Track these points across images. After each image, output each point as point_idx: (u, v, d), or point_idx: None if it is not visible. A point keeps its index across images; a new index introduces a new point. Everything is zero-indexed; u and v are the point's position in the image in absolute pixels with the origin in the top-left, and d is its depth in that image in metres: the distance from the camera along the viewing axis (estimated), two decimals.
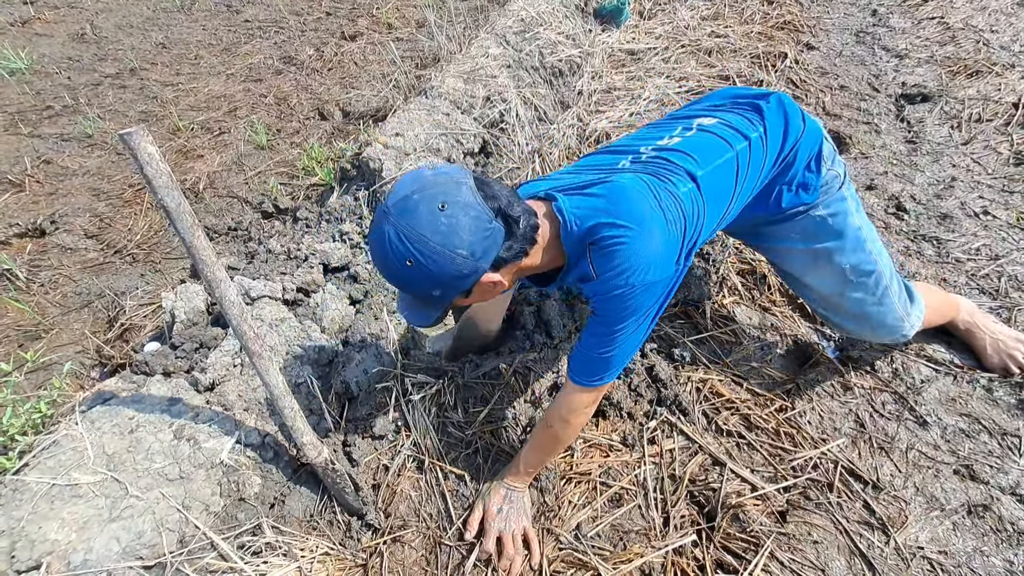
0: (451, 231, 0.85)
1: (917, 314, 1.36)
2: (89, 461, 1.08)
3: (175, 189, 0.82)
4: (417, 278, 0.88)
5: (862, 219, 1.27)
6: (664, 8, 3.79)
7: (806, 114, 1.21)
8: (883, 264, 1.28)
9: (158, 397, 1.20)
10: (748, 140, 1.11)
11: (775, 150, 1.16)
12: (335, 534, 1.19)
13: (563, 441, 1.18)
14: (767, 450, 1.34)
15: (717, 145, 1.10)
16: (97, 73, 3.28)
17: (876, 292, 1.27)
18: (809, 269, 1.30)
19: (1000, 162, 2.30)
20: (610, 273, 0.95)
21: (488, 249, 0.89)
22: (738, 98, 1.24)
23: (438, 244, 0.84)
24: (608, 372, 1.04)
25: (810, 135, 1.18)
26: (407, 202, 0.86)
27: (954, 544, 1.19)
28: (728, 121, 1.16)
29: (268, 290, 1.42)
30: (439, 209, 0.84)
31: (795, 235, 1.26)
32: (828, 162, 1.21)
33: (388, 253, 0.87)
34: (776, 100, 1.20)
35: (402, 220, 0.85)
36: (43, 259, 2.03)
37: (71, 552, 0.97)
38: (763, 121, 1.16)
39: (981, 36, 3.25)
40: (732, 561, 1.14)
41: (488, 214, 0.88)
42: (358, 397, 1.36)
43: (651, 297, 0.98)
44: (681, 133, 1.15)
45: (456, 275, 0.88)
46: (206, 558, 1.03)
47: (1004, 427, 1.38)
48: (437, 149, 1.95)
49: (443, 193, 0.86)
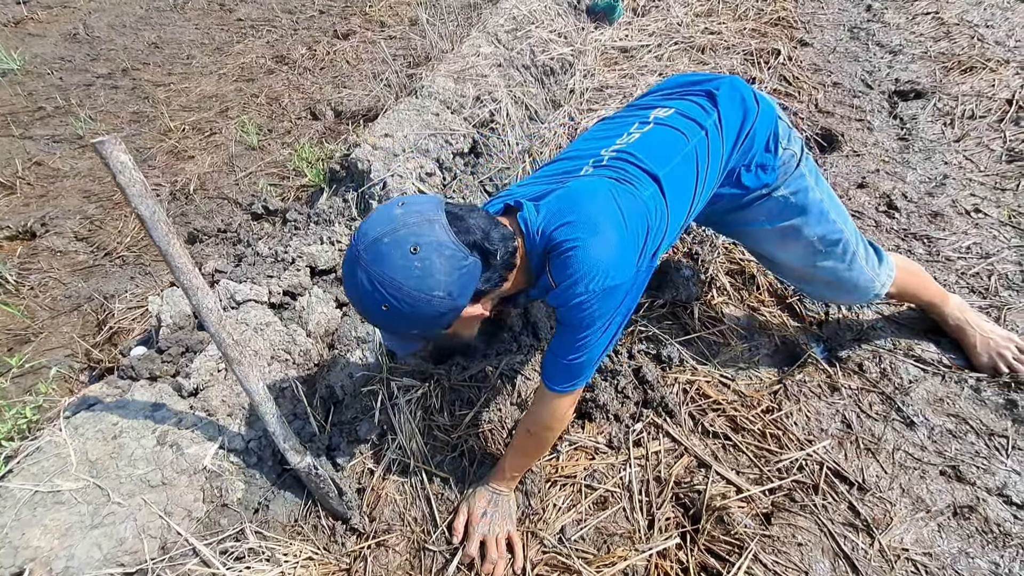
0: (425, 274, 0.83)
1: (887, 272, 1.39)
2: (72, 467, 1.08)
3: (149, 197, 0.81)
4: (395, 320, 0.87)
5: (822, 191, 1.29)
6: (658, 5, 3.77)
7: (759, 94, 1.22)
8: (848, 230, 1.32)
9: (142, 403, 1.20)
10: (705, 130, 1.11)
11: (732, 135, 1.16)
12: (320, 539, 1.19)
13: (545, 445, 1.19)
14: (753, 451, 1.34)
15: (675, 139, 1.09)
16: (89, 73, 3.27)
17: (845, 258, 1.32)
18: (780, 247, 1.33)
19: (992, 159, 2.29)
20: (568, 282, 0.93)
21: (466, 286, 0.87)
22: (690, 85, 1.25)
23: (412, 288, 0.83)
24: (580, 377, 1.05)
25: (764, 116, 1.19)
26: (378, 246, 0.83)
27: (939, 546, 1.19)
28: (683, 110, 1.16)
29: (254, 294, 1.42)
30: (411, 252, 0.82)
31: (762, 217, 1.29)
32: (784, 141, 1.22)
33: (363, 298, 0.86)
34: (728, 84, 1.21)
35: (375, 267, 0.83)
36: (33, 262, 2.03)
37: (53, 559, 0.97)
38: (716, 107, 1.16)
39: (976, 31, 3.23)
40: (715, 564, 1.14)
41: (463, 251, 0.86)
42: (343, 401, 1.36)
43: (613, 301, 0.96)
44: (639, 128, 1.13)
45: (434, 315, 0.87)
46: (188, 564, 1.04)
47: (991, 427, 1.38)
48: (426, 150, 1.94)
49: (414, 235, 0.83)
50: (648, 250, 1.01)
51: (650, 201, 1.01)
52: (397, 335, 0.97)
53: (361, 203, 1.84)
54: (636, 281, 1.00)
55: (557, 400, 1.08)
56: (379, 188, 1.79)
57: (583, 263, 0.91)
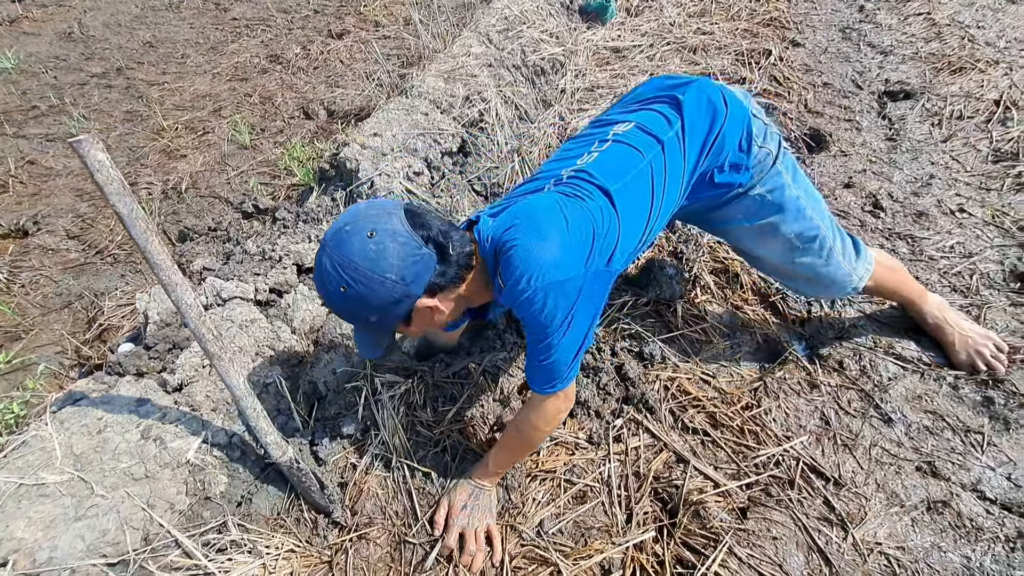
0: (379, 256, 0.90)
1: (865, 266, 1.41)
2: (57, 461, 1.10)
3: (127, 195, 0.83)
4: (353, 304, 0.94)
5: (800, 187, 1.30)
6: (651, 5, 3.79)
7: (730, 95, 1.23)
8: (825, 226, 1.33)
9: (127, 398, 1.22)
10: (661, 143, 1.15)
11: (699, 139, 1.18)
12: (302, 532, 1.21)
13: (531, 444, 1.22)
14: (731, 447, 1.36)
15: (629, 156, 1.13)
16: (84, 72, 3.28)
17: (822, 254, 1.34)
18: (759, 243, 1.37)
19: (979, 159, 2.31)
20: (512, 280, 0.98)
21: (419, 274, 0.94)
22: (660, 91, 1.27)
23: (367, 269, 0.90)
24: (557, 378, 1.06)
25: (735, 117, 1.20)
26: (340, 234, 0.92)
27: (912, 540, 1.21)
28: (644, 124, 1.18)
29: (240, 291, 1.44)
30: (368, 237, 0.90)
31: (740, 215, 1.32)
32: (759, 139, 1.23)
33: (325, 282, 0.93)
34: (695, 88, 1.22)
35: (336, 250, 0.91)
36: (25, 260, 2.05)
37: (37, 550, 0.99)
38: (681, 114, 1.18)
39: (967, 32, 3.24)
40: (691, 557, 1.16)
41: (417, 241, 0.93)
42: (327, 397, 1.38)
43: (564, 298, 0.99)
44: (598, 147, 1.18)
45: (388, 300, 0.93)
46: (170, 555, 1.05)
47: (968, 424, 1.40)
48: (414, 149, 1.96)
49: (373, 223, 0.92)
50: (598, 253, 1.03)
51: (597, 211, 1.05)
52: (366, 330, 1.02)
53: (349, 202, 1.85)
54: (590, 281, 1.02)
55: (542, 401, 1.11)
56: (367, 187, 1.81)
57: (524, 259, 0.96)
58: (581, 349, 1.07)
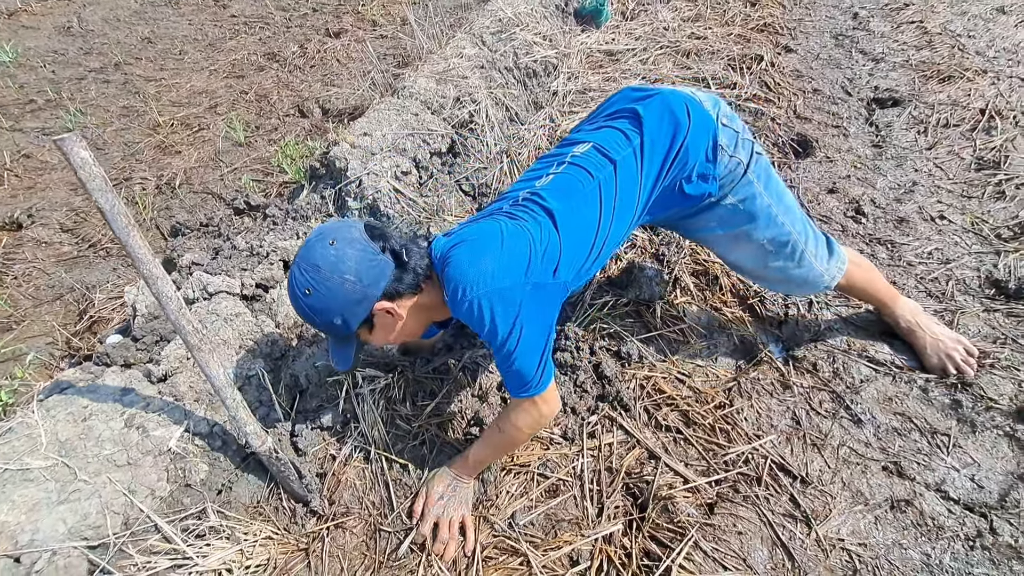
0: (338, 259, 1.02)
1: (837, 265, 1.44)
2: (42, 447, 1.13)
3: (109, 191, 0.86)
4: (317, 306, 1.04)
5: (772, 194, 1.33)
6: (646, 9, 3.82)
7: (695, 105, 1.25)
8: (797, 231, 1.36)
9: (112, 387, 1.25)
10: (614, 163, 1.20)
11: (660, 154, 1.22)
12: (280, 520, 1.24)
13: (514, 444, 1.26)
14: (702, 445, 1.40)
15: (579, 179, 1.20)
16: (82, 67, 3.32)
17: (794, 257, 1.38)
18: (732, 249, 1.42)
19: (962, 167, 2.34)
20: (451, 292, 1.08)
21: (377, 278, 1.05)
22: (626, 103, 1.30)
23: (327, 270, 1.02)
24: (529, 383, 1.11)
25: (698, 129, 1.23)
26: (307, 246, 1.06)
27: (874, 537, 1.24)
28: (601, 143, 1.23)
29: (226, 285, 1.47)
30: (329, 244, 1.03)
31: (713, 223, 1.36)
32: (729, 149, 1.26)
33: (293, 287, 1.05)
34: (658, 100, 1.25)
35: (302, 259, 1.04)
36: (18, 252, 2.08)
37: (19, 532, 1.02)
38: (641, 130, 1.22)
39: (958, 41, 3.28)
40: (657, 550, 1.19)
41: (374, 247, 1.06)
42: (308, 390, 1.41)
43: (503, 305, 1.05)
44: (555, 169, 1.24)
45: (349, 300, 1.04)
46: (150, 540, 1.09)
47: (936, 426, 1.43)
48: (404, 149, 1.99)
49: (333, 234, 1.05)
50: (538, 266, 1.10)
51: (536, 229, 1.13)
52: (327, 329, 1.09)
53: (338, 200, 1.89)
54: (532, 291, 1.08)
55: (521, 404, 1.16)
56: (355, 186, 1.84)
57: (459, 273, 1.06)
58: (543, 354, 1.11)
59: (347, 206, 1.84)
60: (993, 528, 1.22)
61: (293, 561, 1.19)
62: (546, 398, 1.16)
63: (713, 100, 1.31)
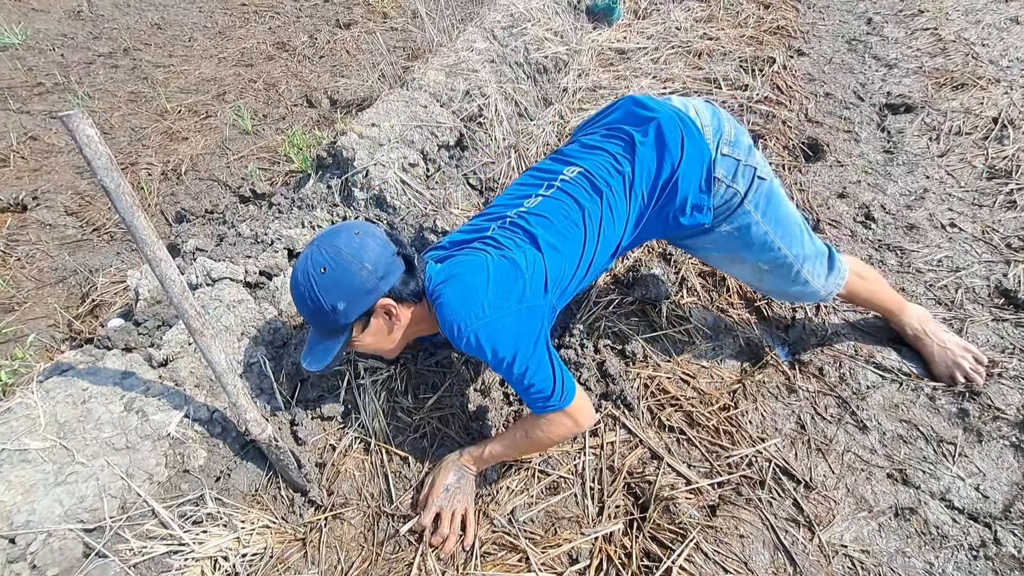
0: (361, 247, 1.09)
1: (836, 281, 1.43)
2: (40, 428, 1.12)
3: (115, 170, 0.85)
4: (328, 286, 1.06)
5: (770, 221, 1.30)
6: (659, 8, 3.80)
7: (692, 135, 1.22)
8: (794, 254, 1.34)
9: (113, 370, 1.24)
10: (601, 194, 1.20)
11: (648, 184, 1.22)
12: (278, 509, 1.23)
13: (534, 448, 1.25)
14: (706, 446, 1.38)
15: (566, 207, 1.21)
16: (90, 51, 3.31)
17: (790, 276, 1.38)
18: (727, 267, 1.47)
19: (973, 176, 2.32)
20: (447, 330, 1.10)
21: (389, 273, 1.10)
22: (625, 122, 1.28)
23: (349, 254, 1.07)
24: (550, 397, 1.11)
25: (691, 162, 1.21)
26: (331, 230, 1.13)
27: (877, 544, 1.23)
28: (590, 171, 1.23)
29: (229, 272, 1.46)
30: (355, 234, 1.10)
31: (708, 245, 1.37)
32: (727, 179, 1.24)
33: (308, 264, 1.08)
34: (654, 130, 1.23)
35: (324, 240, 1.10)
36: (22, 234, 2.07)
37: (14, 513, 1.01)
38: (632, 158, 1.22)
39: (971, 49, 3.25)
40: (658, 550, 1.18)
41: (392, 248, 1.13)
42: (309, 379, 1.40)
43: (504, 331, 1.07)
44: (544, 191, 1.25)
45: (360, 287, 1.07)
46: (146, 524, 1.08)
47: (942, 435, 1.41)
48: (411, 141, 1.98)
49: (359, 226, 1.14)
50: (530, 291, 1.12)
51: (521, 257, 1.15)
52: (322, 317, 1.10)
53: (344, 190, 1.87)
54: (527, 313, 1.10)
55: (553, 417, 1.16)
56: (362, 176, 1.83)
57: (452, 312, 1.09)
58: (554, 368, 1.11)
59: (353, 196, 1.83)
60: (997, 538, 1.21)
61: (290, 551, 1.18)
62: (579, 409, 1.15)
63: (717, 124, 1.26)
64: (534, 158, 2.33)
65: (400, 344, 1.23)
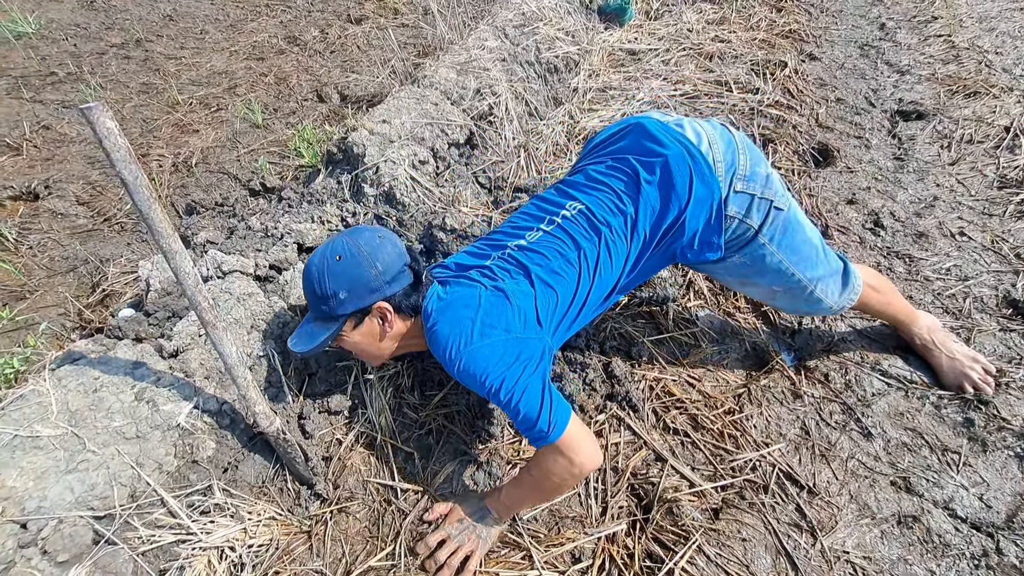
0: (379, 248, 1.17)
1: (849, 296, 1.42)
2: (52, 416, 1.13)
3: (133, 162, 0.86)
4: (337, 273, 1.13)
5: (786, 250, 1.27)
6: (671, 10, 3.79)
7: (702, 173, 1.18)
8: (808, 278, 1.33)
9: (124, 360, 1.25)
10: (600, 234, 1.21)
11: (649, 223, 1.21)
12: (284, 501, 1.25)
13: (550, 490, 1.17)
14: (710, 450, 1.39)
15: (565, 246, 1.23)
16: (103, 42, 3.32)
17: (803, 296, 1.37)
18: (738, 288, 1.49)
19: (984, 184, 2.31)
20: (438, 354, 1.14)
21: (395, 280, 1.17)
22: (632, 154, 1.25)
23: (367, 252, 1.16)
24: (539, 428, 1.06)
25: (699, 204, 1.18)
26: (359, 228, 1.24)
27: (880, 551, 1.23)
28: (591, 209, 1.22)
29: (240, 265, 1.47)
30: (378, 236, 1.19)
31: (720, 271, 1.38)
32: (740, 214, 1.21)
33: (327, 249, 1.16)
34: (661, 169, 1.19)
35: (349, 234, 1.19)
36: (34, 223, 2.09)
37: (26, 499, 1.02)
38: (637, 198, 1.20)
39: (985, 57, 3.23)
40: (660, 552, 1.18)
41: (406, 259, 1.20)
42: (317, 374, 1.41)
43: (492, 359, 1.09)
44: (546, 226, 1.27)
45: (366, 283, 1.14)
46: (155, 513, 1.09)
47: (946, 444, 1.41)
48: (422, 138, 1.98)
49: (384, 232, 1.22)
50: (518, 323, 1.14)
51: (512, 288, 1.18)
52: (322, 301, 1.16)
53: (354, 186, 1.88)
54: (516, 343, 1.11)
55: (547, 452, 1.11)
56: (372, 172, 1.84)
57: (444, 337, 1.13)
58: (543, 399, 1.07)
59: (363, 192, 1.84)
60: (1000, 548, 1.21)
61: (295, 543, 1.19)
62: (570, 445, 1.07)
63: (731, 158, 1.21)
64: (543, 158, 2.33)
65: (387, 354, 1.26)
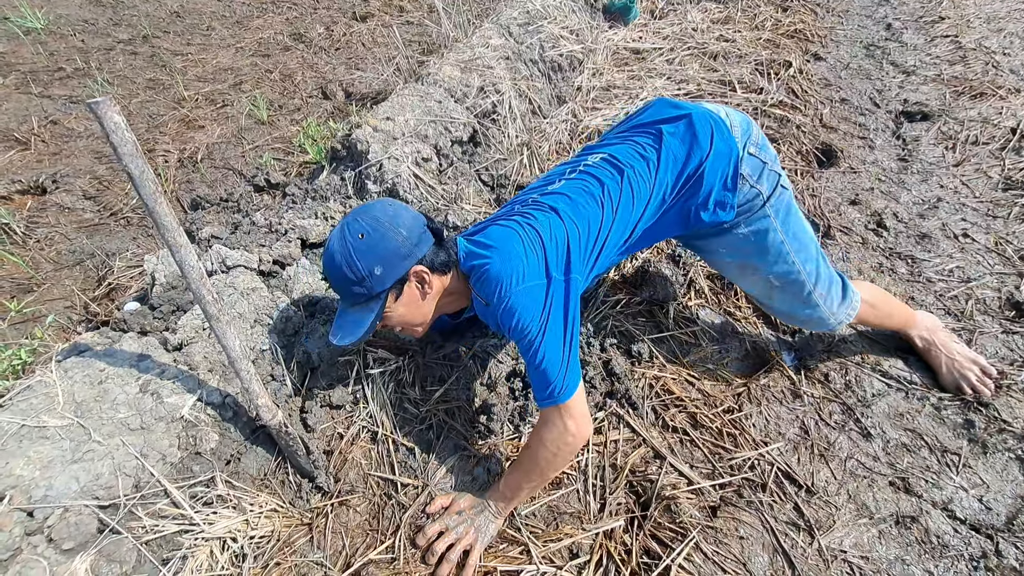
0: (396, 215, 1.15)
1: (847, 311, 1.43)
2: (59, 407, 1.15)
3: (139, 157, 0.87)
4: (364, 250, 1.10)
5: (788, 231, 1.31)
6: (676, 9, 3.78)
7: (721, 130, 1.24)
8: (807, 271, 1.34)
9: (129, 353, 1.27)
10: (623, 172, 1.22)
11: (673, 173, 1.23)
12: (286, 493, 1.26)
13: (544, 464, 1.16)
14: (708, 448, 1.39)
15: (588, 184, 1.25)
16: (111, 38, 3.34)
17: (801, 296, 1.37)
18: (739, 276, 1.45)
19: (989, 186, 2.30)
20: (490, 294, 1.13)
21: (422, 241, 1.15)
22: (654, 119, 1.30)
23: (386, 221, 1.12)
24: (553, 383, 1.09)
25: (719, 157, 1.22)
26: (366, 205, 1.18)
27: (877, 551, 1.23)
28: (614, 155, 1.25)
29: (244, 260, 1.48)
30: (388, 205, 1.17)
31: (722, 249, 1.37)
32: (752, 178, 1.25)
33: (345, 232, 1.12)
34: (685, 123, 1.25)
35: (360, 211, 1.15)
36: (41, 216, 2.11)
37: (33, 488, 1.04)
38: (659, 148, 1.23)
39: (992, 58, 3.21)
40: (658, 548, 1.19)
41: (423, 220, 1.18)
42: (319, 368, 1.43)
43: (536, 300, 1.11)
44: (568, 175, 1.30)
45: (397, 251, 1.11)
46: (158, 503, 1.10)
47: (946, 445, 1.41)
48: (425, 136, 1.99)
49: (390, 200, 1.21)
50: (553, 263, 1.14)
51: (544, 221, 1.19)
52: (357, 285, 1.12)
53: (358, 182, 1.89)
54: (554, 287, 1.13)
55: (546, 416, 1.13)
56: (375, 169, 1.85)
57: (497, 274, 1.12)
58: (566, 351, 1.10)
59: (367, 189, 1.85)
60: (999, 550, 1.21)
61: (296, 535, 1.20)
62: (571, 412, 1.10)
63: (745, 125, 1.29)
64: (547, 156, 2.33)
65: (430, 317, 1.24)
